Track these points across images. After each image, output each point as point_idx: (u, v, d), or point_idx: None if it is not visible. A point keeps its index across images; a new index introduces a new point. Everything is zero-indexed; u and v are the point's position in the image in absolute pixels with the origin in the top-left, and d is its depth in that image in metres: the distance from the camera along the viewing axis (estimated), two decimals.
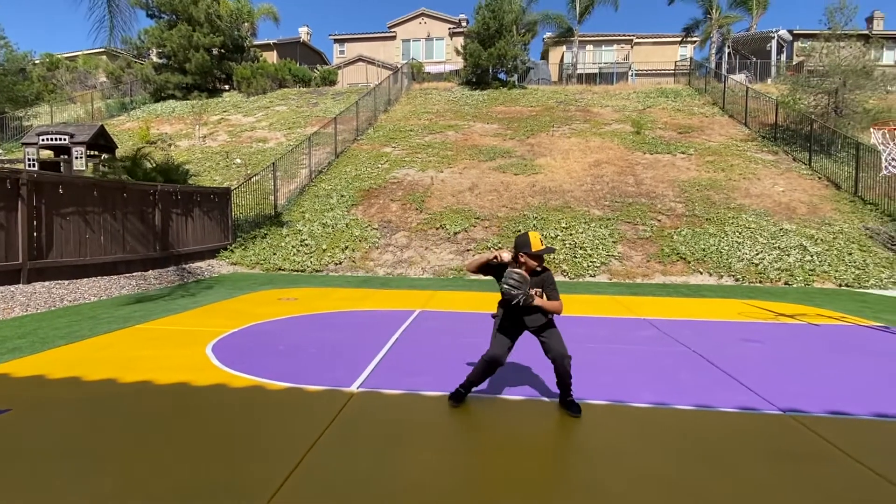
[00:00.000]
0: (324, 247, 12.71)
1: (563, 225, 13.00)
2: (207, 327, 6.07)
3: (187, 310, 7.25)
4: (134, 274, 9.96)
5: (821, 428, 3.31)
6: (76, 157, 13.30)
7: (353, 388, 3.98)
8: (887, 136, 6.34)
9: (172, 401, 3.69)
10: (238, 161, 18.18)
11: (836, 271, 11.00)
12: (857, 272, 10.93)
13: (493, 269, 3.45)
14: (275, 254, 12.54)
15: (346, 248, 12.63)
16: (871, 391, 4.12)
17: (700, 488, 2.57)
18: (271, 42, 35.42)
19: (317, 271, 11.91)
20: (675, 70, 30.44)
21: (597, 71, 31.80)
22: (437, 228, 13.23)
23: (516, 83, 26.42)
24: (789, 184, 14.99)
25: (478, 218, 13.53)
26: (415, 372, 4.44)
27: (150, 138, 20.56)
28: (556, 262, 11.73)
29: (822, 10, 35.71)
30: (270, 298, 8.28)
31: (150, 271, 10.41)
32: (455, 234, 12.96)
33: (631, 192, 14.71)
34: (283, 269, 11.96)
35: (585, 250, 12.04)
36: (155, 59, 29.49)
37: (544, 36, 33.55)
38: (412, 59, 31.70)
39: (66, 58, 34.69)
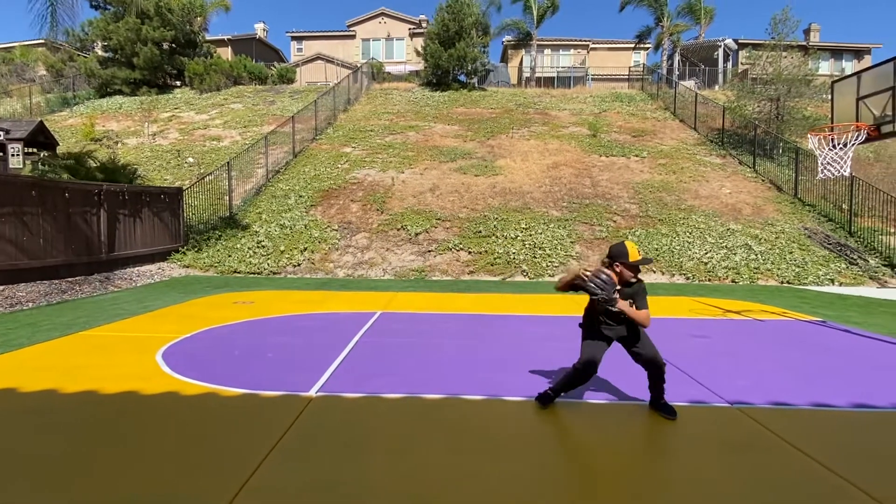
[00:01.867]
0: (281, 248, 12.43)
1: (523, 226, 13.18)
2: (157, 333, 5.82)
3: (135, 315, 6.93)
4: (77, 278, 9.45)
5: (765, 419, 3.48)
6: (12, 155, 12.52)
7: (312, 392, 3.90)
8: (823, 141, 6.74)
9: (119, 411, 3.52)
10: (190, 160, 17.56)
11: (779, 269, 11.61)
12: (797, 270, 11.56)
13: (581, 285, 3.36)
14: (230, 256, 12.17)
15: (305, 249, 12.39)
16: (809, 382, 4.36)
17: (653, 480, 2.65)
18: (226, 38, 34.38)
19: (274, 273, 11.64)
20: (629, 75, 31.39)
21: (555, 75, 32.44)
22: (398, 229, 13.17)
23: (476, 85, 26.65)
24: (735, 186, 15.71)
25: (439, 219, 13.55)
26: (375, 375, 4.40)
27: (95, 135, 19.56)
28: (517, 262, 11.88)
29: (765, 22, 37.58)
30: (225, 302, 8.03)
31: (96, 275, 9.92)
32: (416, 234, 12.93)
33: (588, 193, 15.07)
34: (238, 272, 11.62)
35: (545, 250, 12.24)
36: (100, 52, 28.10)
37: (503, 39, 33.99)
38: (372, 58, 31.46)
39: (1, 48, 32.61)
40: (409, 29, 34.97)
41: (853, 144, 6.41)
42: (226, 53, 32.20)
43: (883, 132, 6.07)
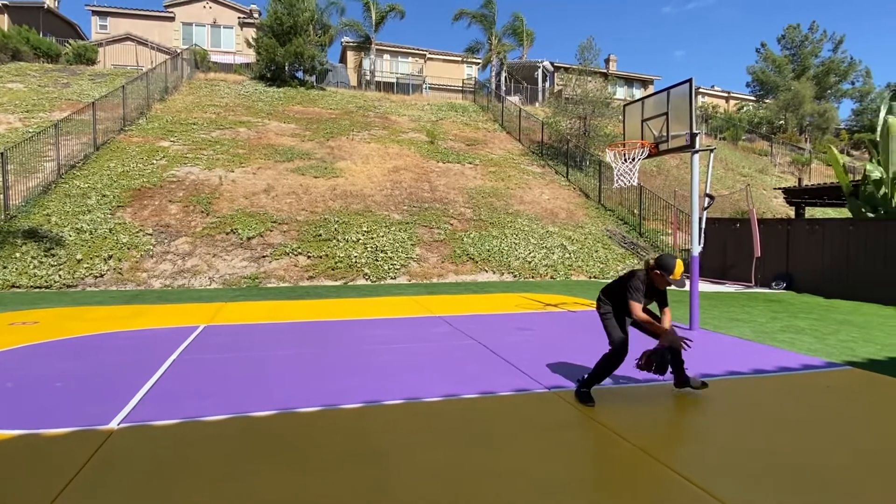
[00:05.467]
0: (78, 257, 10.57)
1: (365, 229, 13.11)
2: None
3: None
4: None
5: (575, 400, 3.92)
6: None
7: (113, 424, 3.35)
8: (617, 155, 7.88)
9: None
10: None
11: (587, 266, 13.32)
12: (601, 266, 13.39)
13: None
14: (5, 267, 9.98)
15: (111, 257, 10.73)
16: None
17: (484, 466, 2.80)
18: (1, 3, 28.21)
19: (69, 287, 9.86)
20: (462, 87, 33.24)
21: (394, 80, 32.93)
22: (227, 233, 12.12)
23: (315, 84, 25.82)
24: (553, 193, 17.62)
25: (275, 222, 12.80)
26: (195, 396, 3.95)
27: None
28: (359, 265, 11.77)
29: (575, 48, 42.80)
30: None
31: None
32: (249, 238, 12.05)
33: (427, 197, 15.58)
34: (17, 286, 9.60)
35: (386, 253, 12.33)
36: None
37: (342, 40, 33.50)
38: (195, 45, 28.53)
39: None
40: (240, 18, 32.51)
41: (639, 159, 7.62)
42: (2, 22, 26.44)
43: (660, 149, 7.33)
